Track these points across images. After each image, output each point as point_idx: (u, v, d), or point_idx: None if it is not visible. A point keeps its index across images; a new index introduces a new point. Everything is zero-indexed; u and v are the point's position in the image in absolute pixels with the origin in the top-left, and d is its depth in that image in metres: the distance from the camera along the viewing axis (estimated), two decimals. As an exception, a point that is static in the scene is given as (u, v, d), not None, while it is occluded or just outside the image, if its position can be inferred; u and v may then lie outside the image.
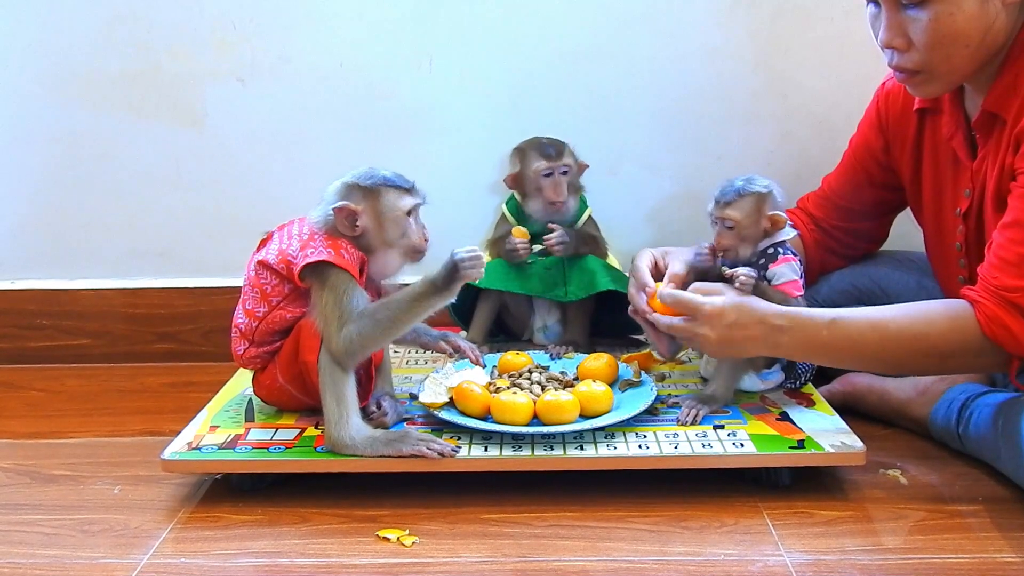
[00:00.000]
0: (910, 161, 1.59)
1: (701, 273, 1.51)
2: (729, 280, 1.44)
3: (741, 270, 1.43)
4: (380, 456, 1.34)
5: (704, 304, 1.37)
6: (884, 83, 1.63)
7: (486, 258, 1.82)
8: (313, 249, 1.36)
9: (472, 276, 1.33)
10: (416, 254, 1.43)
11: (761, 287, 1.45)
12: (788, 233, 1.53)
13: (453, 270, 1.32)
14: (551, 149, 1.78)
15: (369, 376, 1.46)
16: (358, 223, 1.38)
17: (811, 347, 1.38)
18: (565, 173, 1.78)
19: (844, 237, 1.73)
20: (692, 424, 1.43)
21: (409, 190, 1.42)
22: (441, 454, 1.33)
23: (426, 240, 1.43)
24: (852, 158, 1.70)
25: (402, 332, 1.37)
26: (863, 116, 1.68)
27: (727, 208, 1.49)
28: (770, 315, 1.36)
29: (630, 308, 1.51)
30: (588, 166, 1.84)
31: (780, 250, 1.51)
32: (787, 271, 1.49)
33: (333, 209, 1.37)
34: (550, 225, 1.77)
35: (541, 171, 1.77)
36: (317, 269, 1.36)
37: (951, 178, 1.51)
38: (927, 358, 1.33)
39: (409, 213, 1.41)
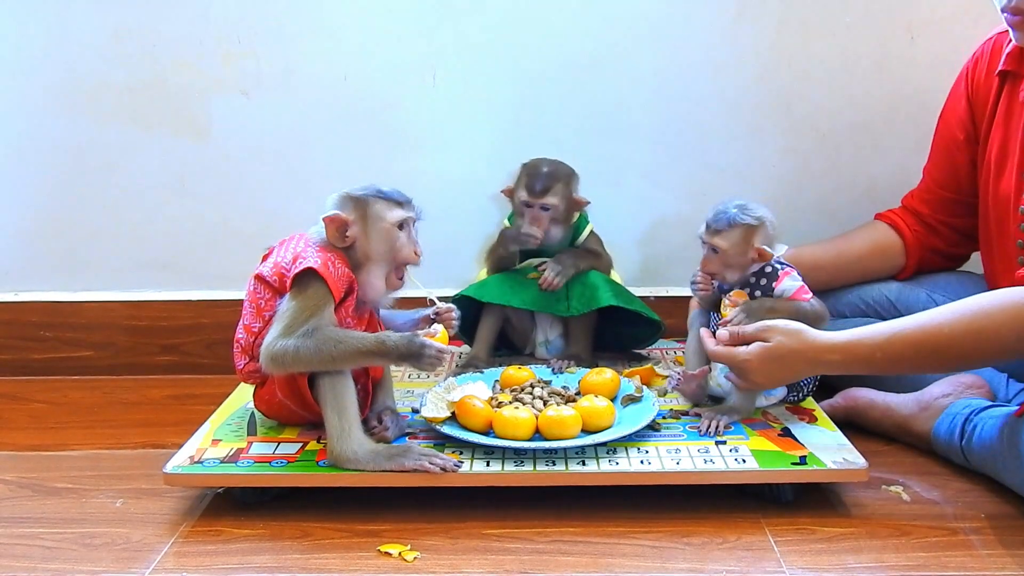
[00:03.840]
0: (986, 124, 1.60)
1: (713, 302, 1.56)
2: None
3: (723, 332, 1.46)
4: (382, 471, 1.34)
5: (739, 356, 1.41)
6: (974, 54, 1.65)
7: (483, 273, 1.83)
8: (304, 259, 1.36)
9: (425, 370, 1.34)
10: (399, 274, 1.43)
11: (768, 304, 1.49)
12: (779, 250, 1.54)
13: (412, 356, 1.32)
14: (538, 185, 1.74)
15: (366, 391, 1.46)
16: (348, 233, 1.39)
17: (866, 368, 1.39)
18: (546, 210, 1.77)
19: (950, 234, 1.73)
20: (716, 435, 1.43)
21: (400, 203, 1.42)
22: (443, 469, 1.33)
23: (418, 254, 1.43)
24: (941, 138, 1.71)
25: (336, 370, 1.35)
26: (948, 97, 1.70)
27: (715, 236, 1.51)
28: (819, 350, 1.37)
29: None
30: (588, 203, 1.80)
31: (777, 266, 1.52)
32: (791, 283, 1.52)
33: (324, 219, 1.38)
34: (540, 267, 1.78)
35: (522, 201, 1.77)
36: (303, 279, 1.36)
37: (1020, 142, 1.52)
38: (989, 351, 1.32)
39: (401, 227, 1.41)
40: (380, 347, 1.33)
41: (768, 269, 1.52)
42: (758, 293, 1.52)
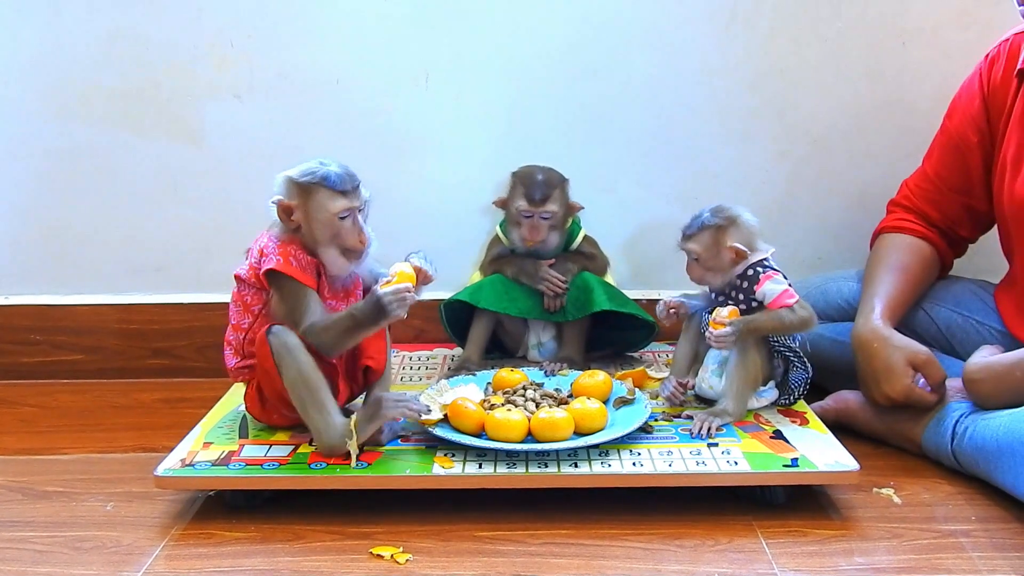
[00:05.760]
0: (1003, 124, 1.61)
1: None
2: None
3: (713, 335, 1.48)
4: (370, 440, 1.38)
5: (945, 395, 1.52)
6: (987, 54, 1.66)
7: (476, 275, 1.83)
8: (267, 257, 1.38)
9: (399, 316, 1.33)
10: (352, 255, 1.41)
11: (753, 325, 1.49)
12: (765, 250, 1.54)
13: (378, 310, 1.33)
14: (537, 193, 1.75)
15: (336, 386, 1.45)
16: (292, 217, 1.40)
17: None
18: (546, 219, 1.77)
19: (953, 235, 1.74)
20: (707, 437, 1.43)
21: (344, 192, 1.39)
22: (419, 412, 1.37)
23: (363, 242, 1.41)
24: (949, 139, 1.69)
25: (349, 347, 1.40)
26: (956, 96, 1.70)
27: (688, 241, 1.54)
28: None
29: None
30: (582, 207, 1.81)
31: (760, 269, 1.52)
32: (773, 286, 1.51)
33: (271, 202, 1.39)
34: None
35: (522, 211, 1.78)
36: (276, 280, 1.38)
37: None
38: None
39: (345, 216, 1.39)
40: (353, 320, 1.35)
41: (750, 272, 1.53)
42: (741, 296, 1.53)
